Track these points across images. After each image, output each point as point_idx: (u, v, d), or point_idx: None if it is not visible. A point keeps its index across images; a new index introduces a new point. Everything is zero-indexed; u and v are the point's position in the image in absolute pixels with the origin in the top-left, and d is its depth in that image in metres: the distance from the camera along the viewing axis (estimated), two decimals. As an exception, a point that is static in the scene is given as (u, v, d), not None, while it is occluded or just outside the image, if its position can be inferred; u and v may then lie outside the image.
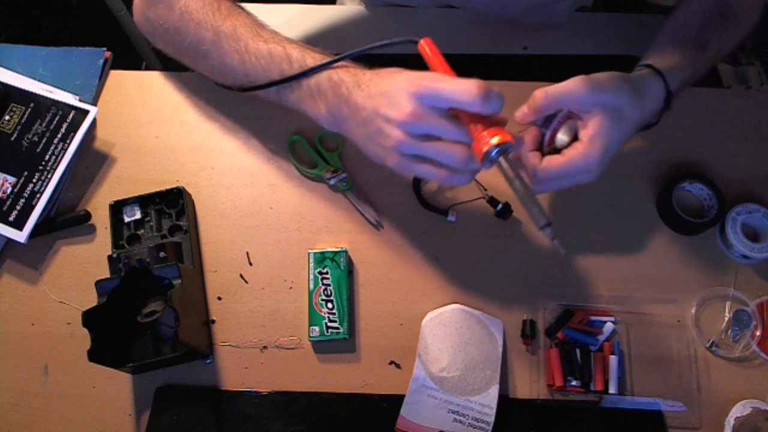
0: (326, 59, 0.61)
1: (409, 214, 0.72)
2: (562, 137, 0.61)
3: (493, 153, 0.53)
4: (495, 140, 0.52)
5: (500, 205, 0.70)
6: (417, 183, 0.72)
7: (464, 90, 0.52)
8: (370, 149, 0.59)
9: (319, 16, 0.91)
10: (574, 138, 0.60)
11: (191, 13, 0.66)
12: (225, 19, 0.66)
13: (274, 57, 0.63)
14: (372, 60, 0.62)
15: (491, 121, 0.54)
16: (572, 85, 0.57)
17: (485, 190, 0.72)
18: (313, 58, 0.62)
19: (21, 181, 0.71)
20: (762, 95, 0.83)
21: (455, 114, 0.55)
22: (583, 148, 0.58)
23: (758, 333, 0.66)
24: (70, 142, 0.72)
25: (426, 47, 0.58)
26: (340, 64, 0.61)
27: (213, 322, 0.68)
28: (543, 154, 0.61)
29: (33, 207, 0.70)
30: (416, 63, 0.59)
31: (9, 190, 0.70)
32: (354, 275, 0.69)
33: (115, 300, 0.61)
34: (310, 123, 0.75)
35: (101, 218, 0.71)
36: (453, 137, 0.55)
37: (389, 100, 0.55)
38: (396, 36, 0.60)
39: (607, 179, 0.72)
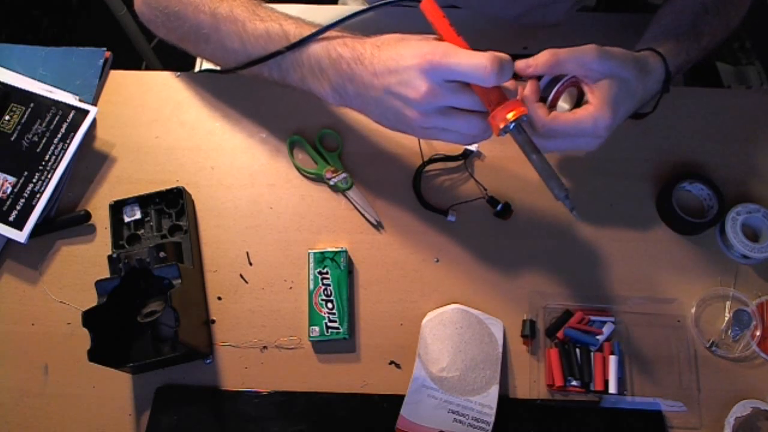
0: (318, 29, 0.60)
1: (409, 214, 0.72)
2: (563, 104, 0.60)
3: (511, 126, 0.54)
4: (510, 116, 0.53)
5: (500, 205, 0.70)
6: (417, 183, 0.72)
7: (478, 66, 0.51)
8: (391, 125, 0.59)
9: (320, 16, 0.91)
10: (575, 107, 0.60)
11: None
12: (221, 1, 0.65)
13: (272, 36, 0.62)
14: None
15: (503, 91, 0.54)
16: (584, 49, 0.57)
17: (485, 189, 0.72)
18: (309, 28, 0.61)
19: (21, 181, 0.71)
20: (762, 95, 0.83)
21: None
22: (594, 109, 0.58)
23: (758, 333, 0.66)
24: (70, 142, 0.72)
25: (428, 9, 0.57)
26: (334, 35, 0.60)
27: (213, 322, 0.68)
28: None
29: (33, 207, 0.70)
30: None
31: (9, 190, 0.70)
32: (354, 275, 0.69)
33: (115, 300, 0.61)
34: (310, 123, 0.76)
35: (101, 218, 0.71)
36: (470, 107, 0.55)
37: (400, 78, 0.54)
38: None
39: (607, 179, 0.73)
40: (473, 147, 0.73)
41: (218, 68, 0.72)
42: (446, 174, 0.74)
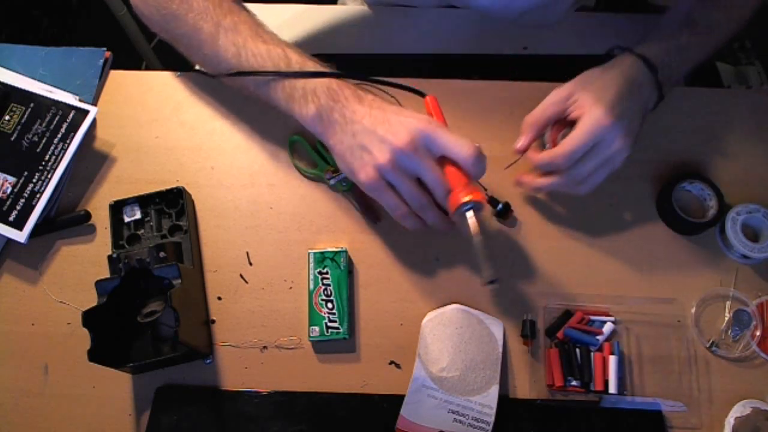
0: (325, 68, 0.64)
1: (409, 214, 0.72)
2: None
3: (467, 207, 0.59)
4: (468, 198, 0.59)
5: (500, 205, 0.70)
6: None
7: (463, 145, 0.58)
8: (347, 158, 0.61)
9: (319, 16, 0.91)
10: None
11: (191, 3, 0.66)
12: (226, 15, 0.66)
13: (272, 56, 0.64)
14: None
15: (469, 180, 0.60)
16: (548, 97, 0.66)
17: (485, 189, 0.72)
18: (313, 64, 0.64)
19: (21, 181, 0.71)
20: (762, 95, 0.83)
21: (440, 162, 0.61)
22: (586, 116, 0.62)
23: (758, 333, 0.66)
24: (70, 142, 0.72)
25: (430, 103, 0.66)
26: (337, 79, 0.63)
27: (213, 322, 0.68)
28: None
29: (33, 207, 0.70)
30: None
31: (9, 190, 0.70)
32: (354, 275, 0.69)
33: (115, 300, 0.61)
34: (310, 123, 0.76)
35: (101, 218, 0.71)
36: (432, 183, 0.60)
37: (391, 126, 0.59)
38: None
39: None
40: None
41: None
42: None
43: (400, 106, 0.63)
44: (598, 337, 0.65)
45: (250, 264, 0.70)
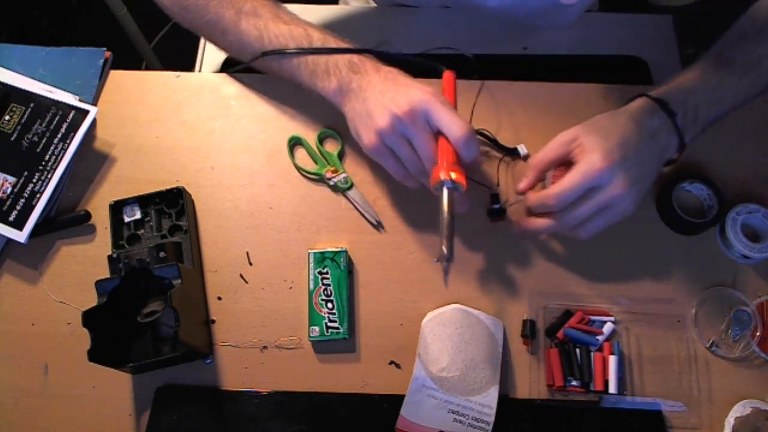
0: (347, 44, 0.67)
1: (409, 214, 0.72)
2: None
3: (446, 184, 0.61)
4: (453, 176, 0.60)
5: (498, 205, 0.70)
6: None
7: (456, 124, 0.60)
8: (355, 123, 0.64)
9: (322, 15, 0.91)
10: None
11: None
12: (246, 1, 0.69)
13: (294, 36, 0.67)
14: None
15: (457, 159, 0.62)
16: (552, 140, 0.65)
17: (497, 186, 0.72)
18: (334, 40, 0.67)
19: (21, 181, 0.71)
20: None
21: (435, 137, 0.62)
22: (582, 160, 0.61)
23: (758, 333, 0.66)
24: (70, 142, 0.72)
25: (446, 80, 0.68)
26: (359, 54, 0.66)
27: (213, 322, 0.68)
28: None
29: (33, 207, 0.70)
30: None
31: (9, 190, 0.70)
32: (354, 275, 0.69)
33: (115, 300, 0.61)
34: (310, 123, 0.76)
35: (101, 218, 0.71)
36: (422, 154, 0.62)
37: (396, 95, 0.61)
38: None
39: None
40: (523, 150, 0.73)
41: (219, 68, 0.73)
42: (482, 154, 0.75)
43: (413, 78, 0.65)
44: (598, 337, 0.65)
45: (250, 264, 0.70)
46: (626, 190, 0.60)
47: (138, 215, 0.70)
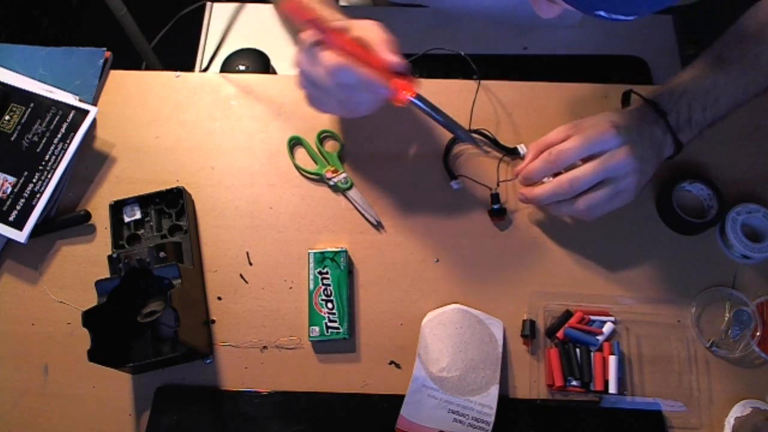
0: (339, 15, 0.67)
1: (409, 213, 0.72)
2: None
3: (414, 101, 0.60)
4: (410, 94, 0.59)
5: (498, 205, 0.70)
6: (451, 143, 0.74)
7: (322, 61, 0.57)
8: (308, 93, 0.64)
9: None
10: None
11: None
12: None
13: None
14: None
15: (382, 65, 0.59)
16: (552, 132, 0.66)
17: (497, 186, 0.72)
18: (330, 12, 0.66)
19: (21, 181, 0.71)
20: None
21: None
22: (585, 127, 0.63)
23: (758, 333, 0.66)
24: (70, 142, 0.72)
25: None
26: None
27: (213, 322, 0.68)
28: None
29: (33, 207, 0.70)
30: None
31: (9, 190, 0.70)
32: (354, 275, 0.69)
33: (115, 300, 0.61)
34: (310, 123, 0.76)
35: (101, 218, 0.71)
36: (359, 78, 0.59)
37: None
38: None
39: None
40: (522, 150, 0.73)
41: (219, 68, 0.72)
42: (482, 154, 0.75)
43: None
44: (598, 337, 0.65)
45: (250, 264, 0.70)
46: (630, 160, 0.61)
47: (138, 215, 0.70)
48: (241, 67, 0.84)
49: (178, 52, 0.72)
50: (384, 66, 0.59)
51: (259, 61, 0.86)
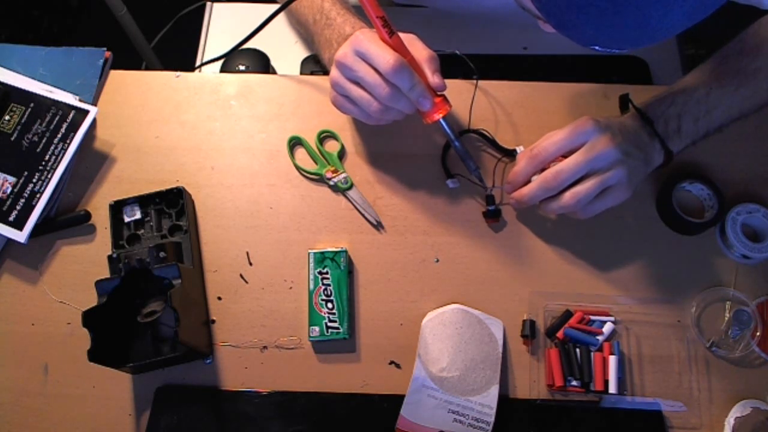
0: (352, 16, 0.70)
1: (409, 214, 0.72)
2: None
3: (444, 122, 0.65)
4: (440, 115, 0.64)
5: (493, 207, 0.70)
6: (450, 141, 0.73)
7: (384, 58, 0.60)
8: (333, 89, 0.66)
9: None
10: None
11: None
12: None
13: (314, 5, 0.74)
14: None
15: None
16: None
17: (493, 186, 0.72)
18: (342, 16, 0.70)
19: (21, 181, 0.71)
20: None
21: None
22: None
23: (758, 333, 0.66)
24: (70, 142, 0.72)
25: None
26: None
27: (213, 322, 0.68)
28: None
29: (33, 207, 0.70)
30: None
31: (9, 190, 0.70)
32: (354, 275, 0.69)
33: (115, 300, 0.61)
34: (310, 123, 0.76)
35: (101, 218, 0.71)
36: (371, 89, 0.62)
37: (345, 44, 0.63)
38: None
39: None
40: (519, 151, 0.73)
41: (219, 68, 0.73)
42: (482, 155, 0.75)
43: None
44: (598, 337, 0.65)
45: (250, 264, 0.70)
46: (611, 150, 0.61)
47: (138, 215, 0.70)
48: (241, 67, 0.84)
49: (178, 52, 0.72)
50: (428, 84, 0.63)
51: (259, 61, 0.86)
